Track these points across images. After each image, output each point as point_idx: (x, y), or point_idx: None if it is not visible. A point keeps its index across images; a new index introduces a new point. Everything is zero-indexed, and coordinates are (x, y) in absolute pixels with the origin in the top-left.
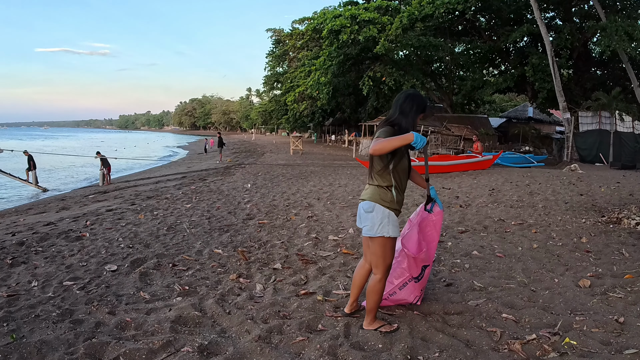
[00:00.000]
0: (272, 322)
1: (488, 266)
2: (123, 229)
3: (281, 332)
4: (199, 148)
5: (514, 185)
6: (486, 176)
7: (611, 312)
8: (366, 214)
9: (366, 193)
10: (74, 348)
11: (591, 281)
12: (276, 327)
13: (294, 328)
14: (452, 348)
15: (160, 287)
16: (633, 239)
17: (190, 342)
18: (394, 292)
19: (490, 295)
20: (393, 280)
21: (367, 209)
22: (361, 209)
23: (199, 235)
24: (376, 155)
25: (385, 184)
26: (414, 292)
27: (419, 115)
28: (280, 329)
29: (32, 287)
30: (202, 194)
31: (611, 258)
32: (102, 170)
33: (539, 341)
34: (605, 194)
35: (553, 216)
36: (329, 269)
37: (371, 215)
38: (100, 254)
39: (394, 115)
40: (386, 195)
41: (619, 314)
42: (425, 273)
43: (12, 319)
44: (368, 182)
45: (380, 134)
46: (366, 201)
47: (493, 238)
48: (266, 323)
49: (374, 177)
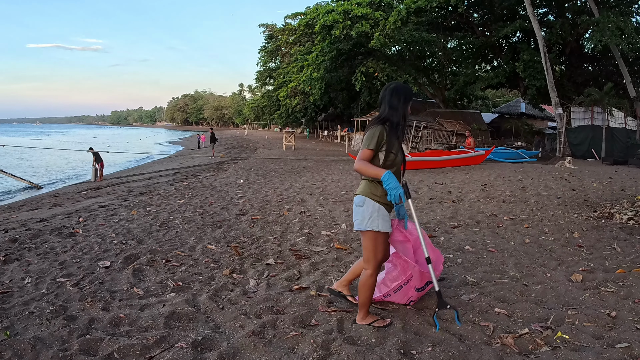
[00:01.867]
0: (266, 317)
1: (480, 261)
2: (116, 225)
3: (275, 327)
4: (192, 144)
5: (506, 181)
6: (479, 171)
7: (603, 306)
8: (357, 208)
9: (359, 187)
10: (68, 344)
11: (583, 276)
12: (270, 323)
13: (288, 323)
14: (445, 342)
15: (153, 283)
16: (625, 233)
17: (184, 338)
18: (389, 295)
19: (482, 289)
20: (388, 283)
21: (358, 203)
22: (354, 203)
23: (192, 231)
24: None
25: (377, 178)
26: (408, 294)
27: (407, 105)
28: (274, 324)
29: (26, 284)
30: (194, 189)
31: (603, 253)
32: (95, 165)
33: (531, 335)
34: (598, 189)
35: (545, 211)
36: (322, 264)
37: (362, 209)
38: (93, 250)
39: (384, 112)
40: (377, 189)
41: (610, 309)
42: (428, 287)
43: (5, 315)
44: (361, 177)
45: (369, 134)
46: (358, 195)
47: (485, 233)
48: (260, 318)
49: None
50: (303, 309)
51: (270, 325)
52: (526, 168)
